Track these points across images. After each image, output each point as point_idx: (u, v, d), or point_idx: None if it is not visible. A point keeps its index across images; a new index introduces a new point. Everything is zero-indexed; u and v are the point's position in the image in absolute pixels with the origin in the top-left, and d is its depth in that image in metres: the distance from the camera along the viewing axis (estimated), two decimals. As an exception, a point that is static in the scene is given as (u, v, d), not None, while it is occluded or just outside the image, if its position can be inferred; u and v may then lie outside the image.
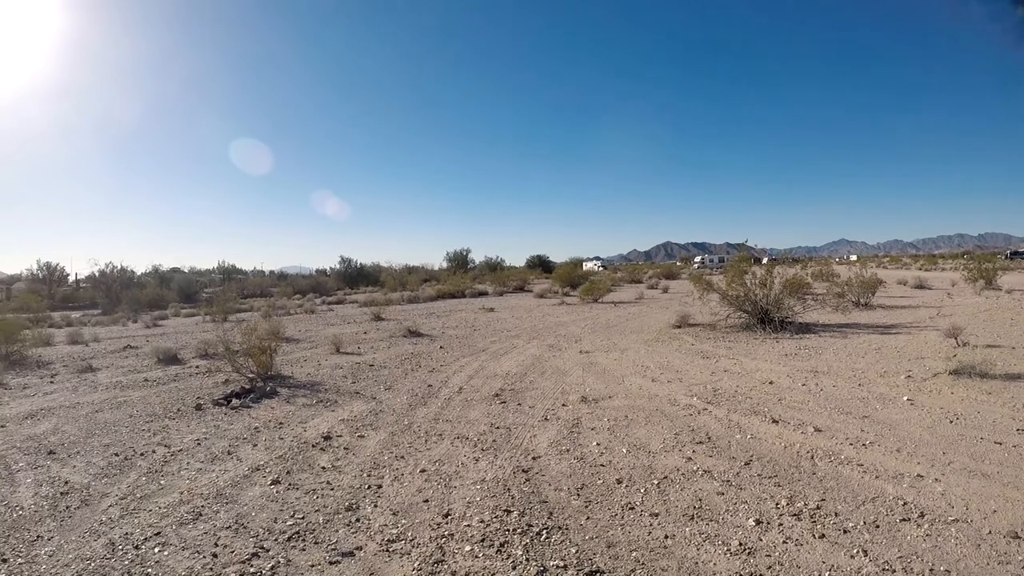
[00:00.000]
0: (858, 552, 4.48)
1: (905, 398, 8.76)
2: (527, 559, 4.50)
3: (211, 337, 15.21)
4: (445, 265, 70.55)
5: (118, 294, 40.18)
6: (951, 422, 7.64)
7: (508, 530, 4.95)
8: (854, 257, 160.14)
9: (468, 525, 5.07)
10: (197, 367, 13.41)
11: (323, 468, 6.59)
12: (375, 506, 5.53)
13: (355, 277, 59.71)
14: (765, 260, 31.92)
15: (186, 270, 72.20)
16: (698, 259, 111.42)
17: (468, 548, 4.69)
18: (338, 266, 63.22)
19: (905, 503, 5.29)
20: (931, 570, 4.23)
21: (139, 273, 53.16)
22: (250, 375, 11.24)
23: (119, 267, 46.85)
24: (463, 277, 51.00)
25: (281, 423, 8.49)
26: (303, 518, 5.32)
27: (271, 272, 77.00)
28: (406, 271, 64.11)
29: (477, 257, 73.20)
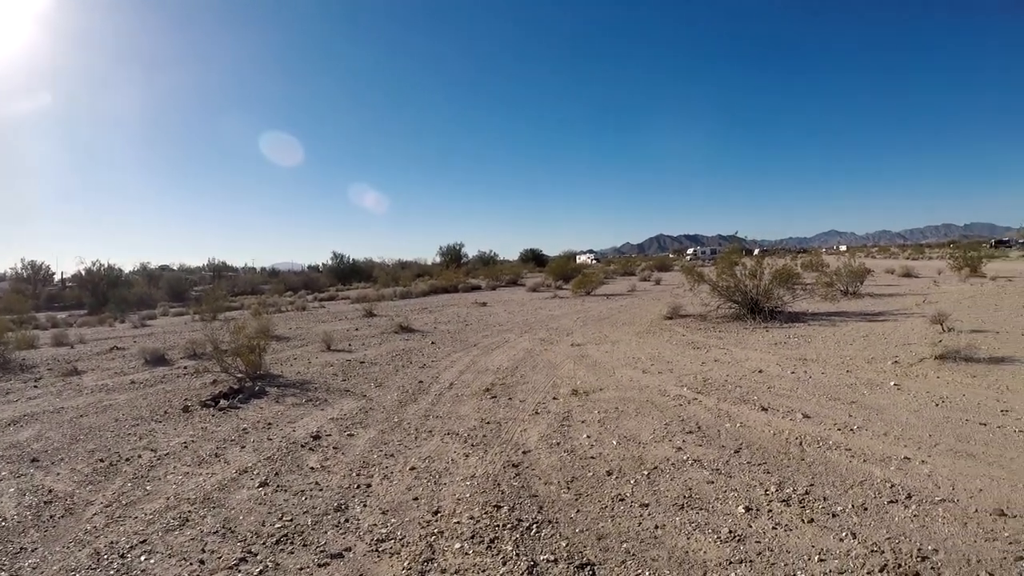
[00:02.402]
0: (847, 535, 4.49)
1: (892, 383, 8.79)
2: (517, 554, 4.46)
3: (199, 336, 14.94)
4: (438, 260, 69.94)
5: (105, 293, 38.85)
6: (937, 405, 7.68)
7: (498, 526, 4.91)
8: (844, 247, 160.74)
9: (458, 522, 5.02)
10: (185, 368, 13.13)
11: (312, 468, 6.49)
12: (364, 506, 5.46)
13: (347, 273, 58.90)
14: (756, 251, 32.10)
15: (175, 268, 71.52)
16: (690, 251, 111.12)
17: (458, 545, 4.64)
18: (330, 262, 62.67)
19: (893, 485, 5.31)
20: (919, 550, 4.24)
21: (127, 271, 52.09)
22: (238, 375, 11.04)
23: (106, 265, 44.98)
24: (456, 272, 50.66)
25: (270, 423, 8.35)
26: (291, 520, 5.23)
27: (262, 269, 76.28)
28: (399, 266, 63.77)
29: (470, 251, 72.63)
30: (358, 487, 5.91)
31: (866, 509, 4.89)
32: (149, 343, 16.57)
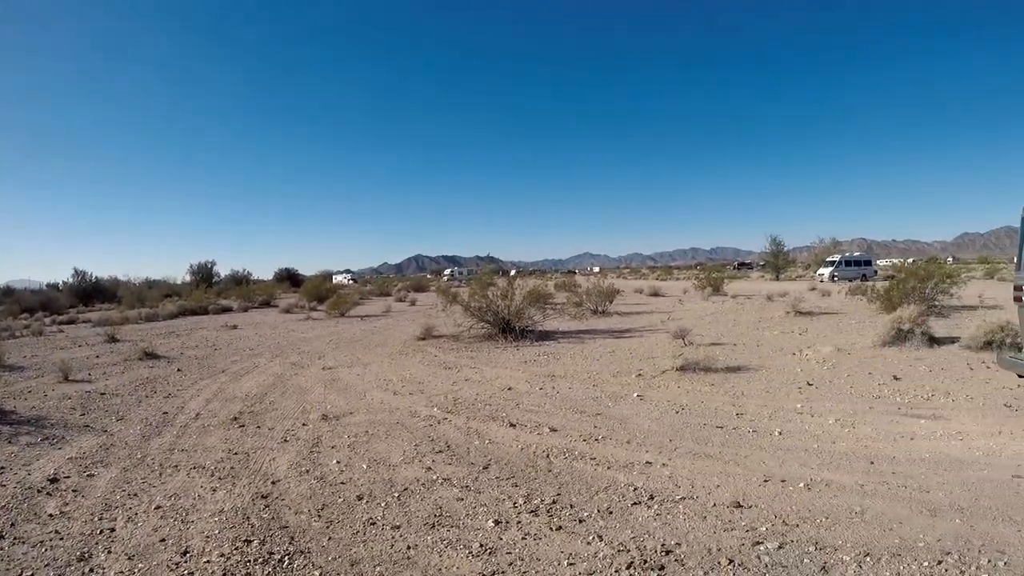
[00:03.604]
0: (594, 538, 4.76)
1: (636, 395, 9.52)
2: (270, 589, 4.37)
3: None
4: (188, 279, 66.65)
5: None
6: (677, 413, 8.43)
7: (249, 561, 4.74)
8: (597, 268, 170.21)
9: (208, 561, 4.79)
10: (-97, 408, 11.66)
11: (51, 516, 5.95)
12: (109, 552, 5.09)
13: (90, 292, 54.54)
14: (513, 272, 33.34)
15: None
16: (448, 272, 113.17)
17: (209, 585, 4.47)
18: (71, 280, 57.65)
19: (636, 488, 5.72)
20: (663, 545, 4.59)
21: None
22: (-36, 414, 9.91)
23: None
24: (207, 292, 48.56)
25: (2, 468, 7.52)
26: (32, 575, 4.84)
27: None
28: (146, 285, 60.01)
29: (223, 270, 69.82)
30: (101, 532, 5.50)
31: (611, 512, 5.22)
32: None
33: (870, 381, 10.06)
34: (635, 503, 5.39)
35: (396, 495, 5.93)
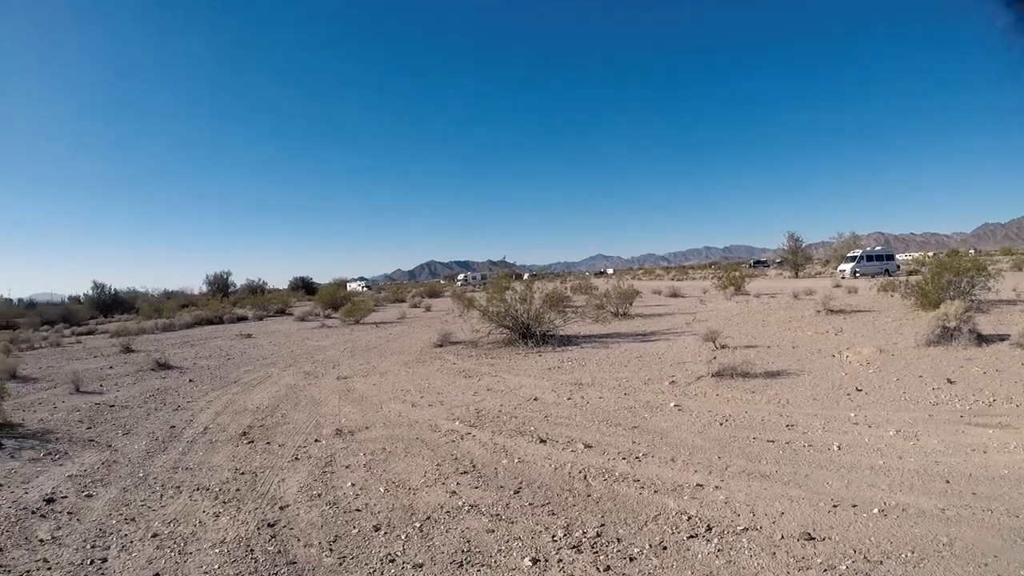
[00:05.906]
0: (643, 582, 4.11)
1: (672, 404, 8.89)
2: (273, 641, 3.86)
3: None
4: (205, 289, 67.58)
5: None
6: (721, 424, 7.78)
7: (250, 606, 4.23)
8: (611, 270, 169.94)
9: None
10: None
11: (41, 541, 5.55)
12: None
13: (110, 304, 55.48)
14: (526, 276, 33.15)
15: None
16: (461, 277, 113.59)
17: (205, 632, 3.96)
18: (91, 293, 58.46)
19: (690, 517, 5.09)
20: (731, 591, 3.94)
21: None
22: (-28, 427, 9.58)
23: None
24: (222, 302, 49.10)
25: (0, 485, 7.17)
26: None
27: (19, 300, 70.42)
28: (164, 296, 60.95)
29: (239, 280, 70.76)
30: (92, 562, 5.04)
31: (665, 548, 4.59)
32: None
33: (923, 385, 9.35)
34: (691, 535, 4.75)
35: (417, 525, 5.36)
